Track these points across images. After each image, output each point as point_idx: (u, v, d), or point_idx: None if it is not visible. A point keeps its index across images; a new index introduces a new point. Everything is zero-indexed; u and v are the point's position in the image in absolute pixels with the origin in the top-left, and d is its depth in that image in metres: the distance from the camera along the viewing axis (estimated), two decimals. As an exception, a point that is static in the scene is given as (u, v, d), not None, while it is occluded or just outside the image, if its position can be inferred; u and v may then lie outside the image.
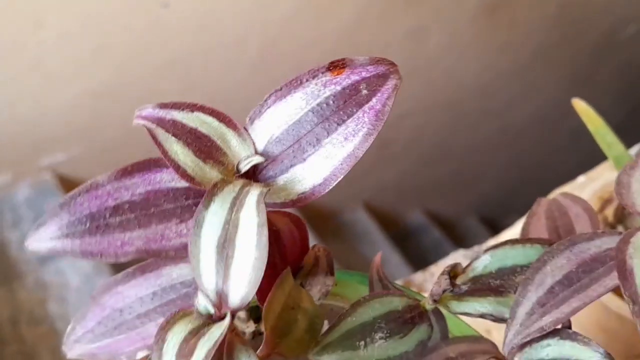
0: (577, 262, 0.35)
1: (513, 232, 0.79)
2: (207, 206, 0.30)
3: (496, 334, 0.71)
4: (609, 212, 0.65)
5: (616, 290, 0.59)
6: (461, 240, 1.55)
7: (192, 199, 0.32)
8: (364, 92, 0.33)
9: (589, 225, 0.43)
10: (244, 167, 0.32)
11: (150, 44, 1.06)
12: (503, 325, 0.76)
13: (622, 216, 0.65)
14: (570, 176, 0.83)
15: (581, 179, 0.84)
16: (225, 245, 0.29)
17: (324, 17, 1.13)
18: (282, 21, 1.11)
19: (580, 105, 0.60)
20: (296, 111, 0.33)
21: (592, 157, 0.78)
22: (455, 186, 1.64)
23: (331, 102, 0.33)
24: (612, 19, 1.49)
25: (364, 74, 0.33)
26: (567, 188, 0.81)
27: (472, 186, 1.67)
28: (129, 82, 1.08)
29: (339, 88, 0.33)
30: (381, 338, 0.36)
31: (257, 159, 0.32)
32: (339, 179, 0.32)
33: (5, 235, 1.13)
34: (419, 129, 1.44)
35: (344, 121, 0.33)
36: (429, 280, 0.72)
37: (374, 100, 0.33)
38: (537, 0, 1.36)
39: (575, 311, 0.34)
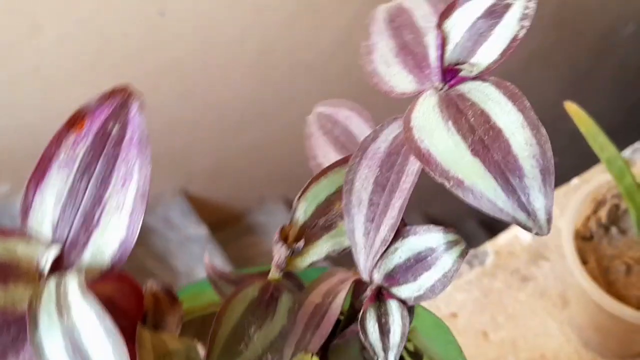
0: (377, 166, 0.37)
1: (510, 234, 0.80)
2: (36, 327, 0.28)
3: (493, 335, 0.73)
4: (602, 213, 0.66)
5: (608, 290, 0.62)
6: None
7: (18, 324, 0.30)
8: (115, 128, 0.31)
9: (363, 122, 0.44)
10: (45, 268, 0.30)
11: (148, 48, 1.05)
12: (499, 327, 0.77)
13: (615, 217, 0.66)
14: (566, 179, 0.83)
15: (575, 181, 0.85)
16: (77, 354, 0.27)
17: (321, 20, 1.11)
18: (279, 23, 1.08)
19: (572, 108, 0.60)
20: (62, 185, 0.31)
21: (588, 159, 0.78)
22: (455, 190, 1.62)
23: (90, 158, 0.31)
24: (610, 19, 1.46)
25: (105, 114, 0.32)
26: (562, 191, 0.83)
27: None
28: (128, 86, 1.09)
29: (89, 142, 0.31)
30: (256, 330, 0.36)
31: (49, 255, 0.30)
32: (141, 219, 0.31)
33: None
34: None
35: (113, 167, 0.31)
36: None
37: (128, 132, 0.31)
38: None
39: (401, 209, 0.35)
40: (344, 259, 0.40)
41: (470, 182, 0.31)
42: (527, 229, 0.31)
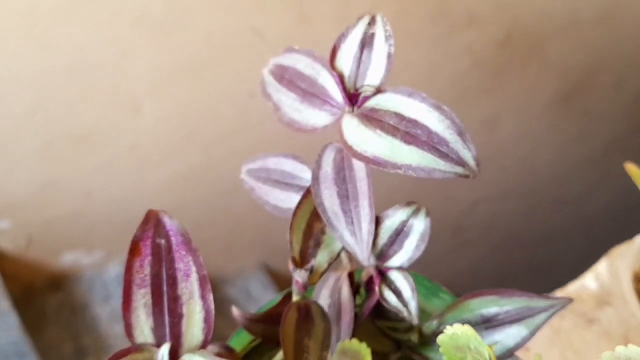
0: (333, 184, 0.47)
1: (578, 284, 0.86)
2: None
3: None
4: None
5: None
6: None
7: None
8: (163, 241, 0.40)
9: (292, 160, 0.54)
10: None
11: (237, 128, 1.12)
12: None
13: None
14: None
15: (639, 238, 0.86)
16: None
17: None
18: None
19: (632, 169, 0.59)
20: (146, 300, 0.40)
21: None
22: (530, 274, 1.65)
23: (156, 269, 0.40)
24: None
25: (150, 235, 0.40)
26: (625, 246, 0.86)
27: (548, 274, 1.68)
28: (216, 165, 1.15)
29: (149, 259, 0.40)
30: (309, 339, 0.45)
31: (164, 352, 0.39)
32: (211, 297, 0.40)
33: (96, 310, 1.20)
34: (493, 215, 1.46)
35: (174, 268, 0.40)
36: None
37: (172, 239, 0.40)
38: (612, 90, 1.36)
39: (371, 206, 0.46)
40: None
41: (416, 163, 0.43)
42: (466, 176, 0.43)
